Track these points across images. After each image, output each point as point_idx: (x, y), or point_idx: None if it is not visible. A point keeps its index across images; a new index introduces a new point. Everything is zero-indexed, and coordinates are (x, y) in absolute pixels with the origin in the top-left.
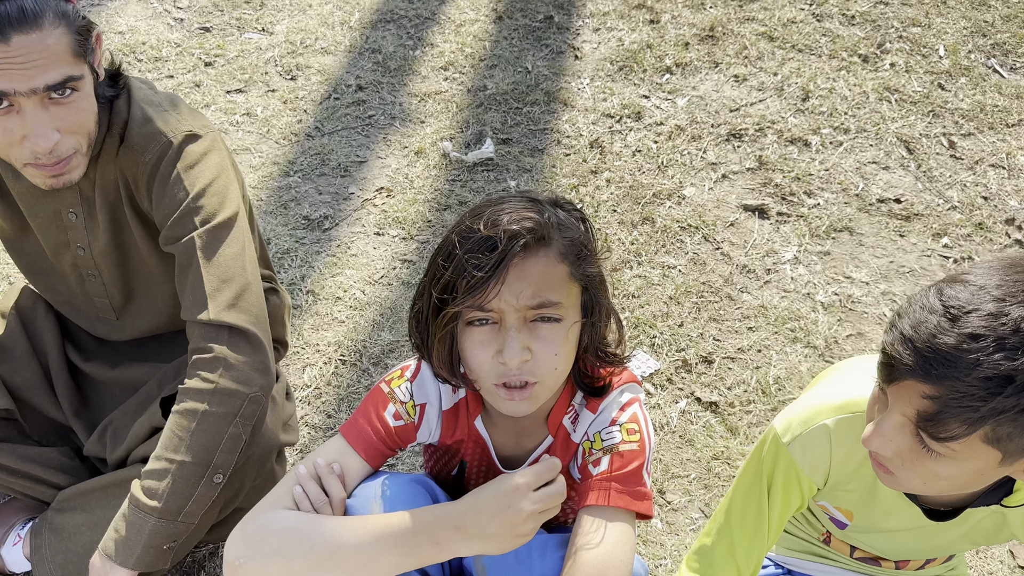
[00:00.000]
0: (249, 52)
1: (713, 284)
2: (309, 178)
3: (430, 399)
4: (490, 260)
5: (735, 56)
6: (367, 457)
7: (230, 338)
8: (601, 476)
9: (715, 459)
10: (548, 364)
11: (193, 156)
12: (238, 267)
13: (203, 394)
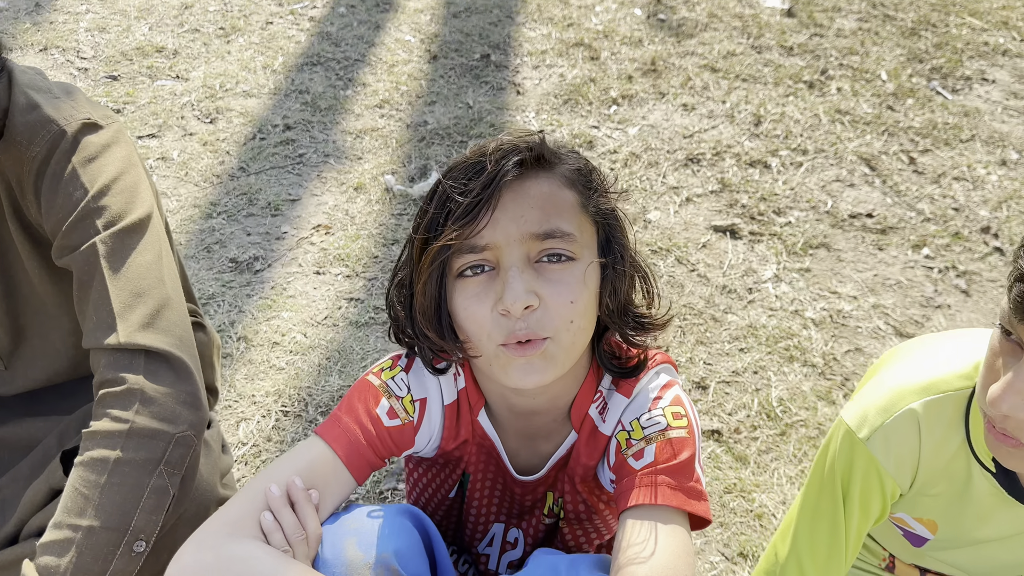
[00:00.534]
0: (163, 98)
1: (695, 307)
2: (235, 219)
3: (430, 393)
4: (479, 183)
5: (680, 87)
6: (352, 467)
7: (147, 365)
8: (647, 469)
9: (728, 493)
10: (563, 314)
11: (93, 148)
12: (154, 278)
13: (114, 437)
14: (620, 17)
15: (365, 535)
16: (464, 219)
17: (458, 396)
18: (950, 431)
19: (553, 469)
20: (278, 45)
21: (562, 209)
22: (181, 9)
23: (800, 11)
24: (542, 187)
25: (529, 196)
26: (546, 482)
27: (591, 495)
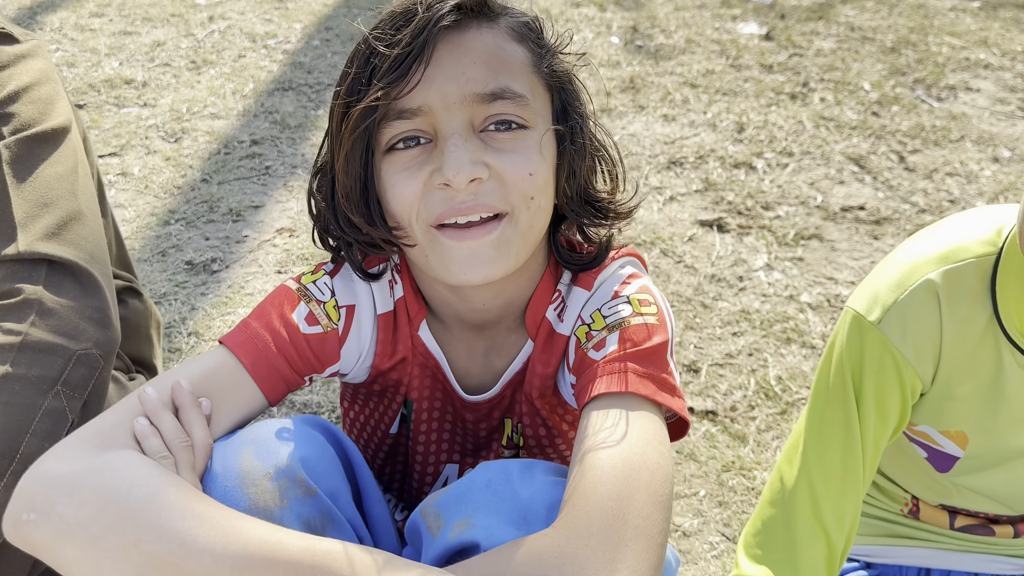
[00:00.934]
0: (127, 122)
1: (683, 294)
2: (194, 225)
3: (360, 299)
4: (408, 32)
5: (660, 101)
6: (259, 378)
7: (49, 276)
8: (610, 357)
9: (726, 471)
10: (521, 188)
11: (5, 57)
12: (64, 190)
13: (4, 351)
14: (598, 44)
15: (264, 443)
16: (391, 75)
17: (395, 307)
18: (975, 306)
19: (508, 387)
20: (249, 74)
21: (511, 66)
22: (152, 46)
23: (778, 35)
24: (486, 39)
25: (470, 49)
26: (501, 405)
27: (552, 414)
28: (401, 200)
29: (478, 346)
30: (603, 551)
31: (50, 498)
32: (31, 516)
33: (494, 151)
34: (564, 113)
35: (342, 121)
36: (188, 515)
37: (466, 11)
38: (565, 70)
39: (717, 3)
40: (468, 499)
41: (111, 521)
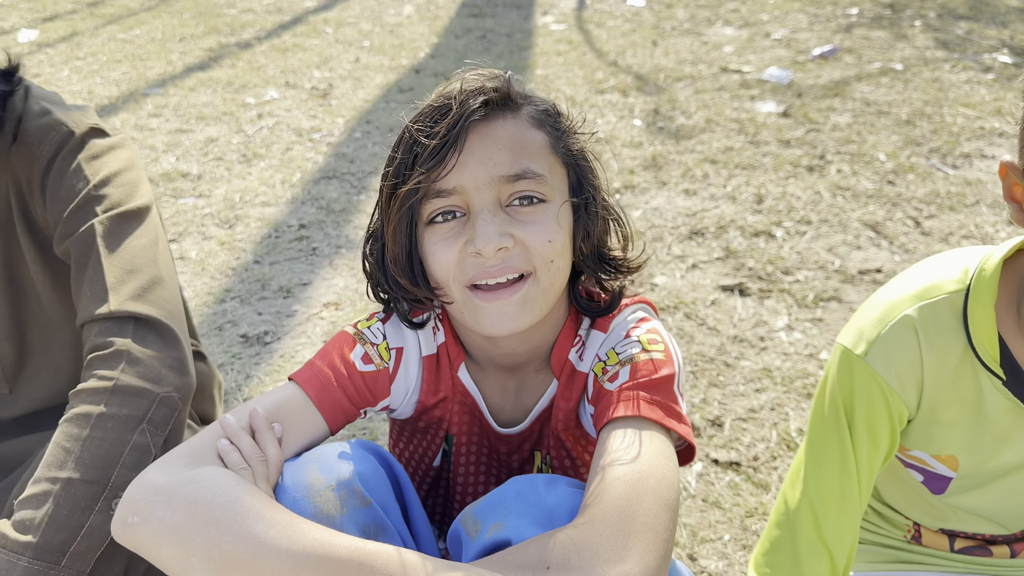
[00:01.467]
0: (184, 212)
1: (706, 354)
2: (247, 302)
3: (407, 343)
4: (444, 124)
5: (681, 177)
6: (323, 408)
7: (136, 330)
8: (623, 386)
9: (749, 517)
10: (542, 253)
11: (98, 148)
12: (148, 258)
13: (99, 394)
14: (621, 126)
15: (327, 461)
16: (430, 162)
17: (437, 350)
18: (951, 337)
19: (537, 422)
20: (296, 165)
21: (531, 150)
22: (206, 142)
23: (795, 112)
24: (509, 128)
25: (497, 138)
26: (531, 438)
27: (576, 445)
28: (440, 265)
29: (510, 385)
30: (615, 540)
31: (150, 504)
32: (135, 519)
33: (518, 223)
34: (579, 185)
35: (390, 199)
36: (260, 519)
37: (492, 104)
38: (580, 148)
39: (736, 85)
40: (501, 506)
41: (198, 524)
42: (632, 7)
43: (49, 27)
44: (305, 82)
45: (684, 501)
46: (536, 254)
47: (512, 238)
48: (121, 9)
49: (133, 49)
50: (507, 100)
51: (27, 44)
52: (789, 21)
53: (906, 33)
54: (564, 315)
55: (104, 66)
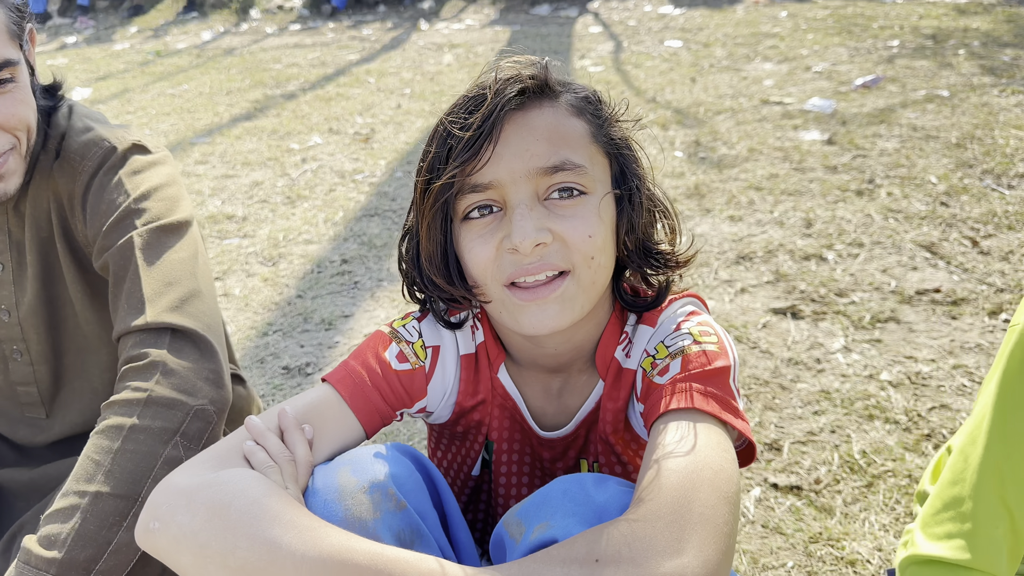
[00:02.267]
0: (229, 251)
1: (760, 377)
2: (290, 335)
3: (444, 341)
4: (479, 115)
5: (725, 204)
6: (357, 409)
7: (172, 342)
8: (674, 379)
9: (813, 543)
10: (582, 249)
11: (139, 164)
12: (186, 271)
13: (132, 405)
14: (662, 158)
15: (360, 462)
16: (465, 155)
17: (476, 350)
18: None
19: (582, 427)
20: (339, 204)
21: (570, 140)
22: (251, 186)
23: (840, 139)
24: (547, 118)
25: (534, 128)
26: (576, 444)
27: (627, 449)
28: (477, 263)
29: (552, 386)
30: (670, 532)
31: (172, 508)
32: (156, 524)
33: (557, 217)
34: (622, 176)
35: (424, 195)
36: (277, 522)
37: (529, 93)
38: (622, 136)
39: (778, 116)
40: (547, 505)
41: (215, 530)
42: (669, 48)
43: (102, 85)
44: (348, 128)
45: (743, 527)
46: (576, 250)
47: (550, 233)
48: (170, 67)
49: (181, 103)
50: (544, 88)
51: (80, 102)
52: (829, 55)
53: (950, 62)
54: (608, 312)
55: (153, 119)
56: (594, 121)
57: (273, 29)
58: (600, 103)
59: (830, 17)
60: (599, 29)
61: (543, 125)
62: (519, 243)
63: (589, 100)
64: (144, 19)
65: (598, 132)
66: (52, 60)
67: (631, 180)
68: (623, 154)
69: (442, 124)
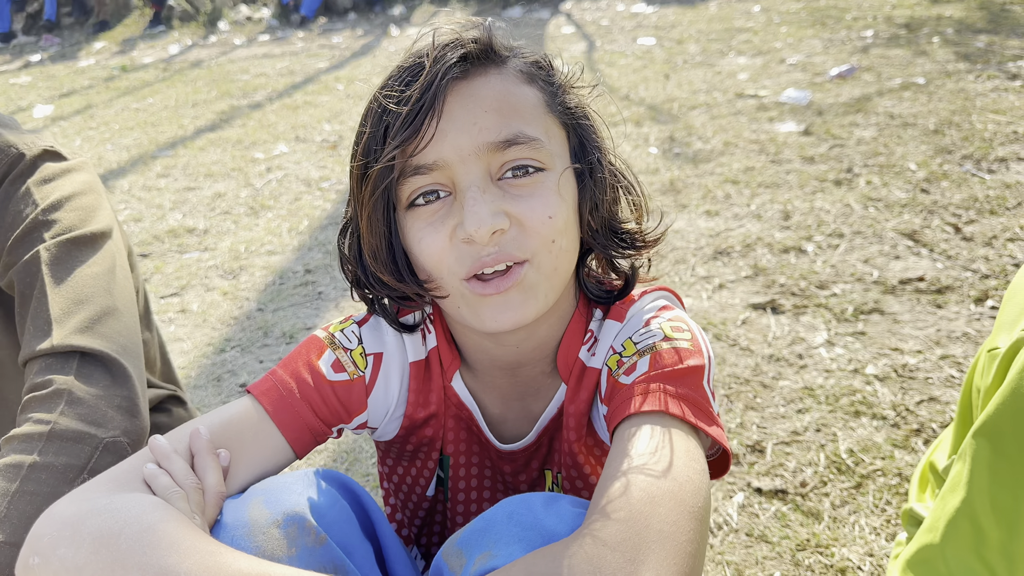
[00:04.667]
0: (188, 266)
1: (740, 376)
2: (248, 351)
3: (388, 348)
4: (416, 87)
5: (701, 199)
6: (283, 426)
7: (80, 367)
8: (641, 379)
9: (801, 550)
10: (542, 232)
11: (51, 171)
12: (99, 288)
13: (32, 440)
14: (636, 155)
15: (274, 492)
16: (404, 132)
17: (428, 355)
18: None
19: (544, 435)
20: (304, 213)
21: (522, 110)
22: (214, 198)
23: (817, 130)
24: (495, 86)
25: (481, 98)
26: (538, 454)
27: (589, 456)
28: (429, 255)
29: (512, 392)
30: (622, 553)
31: (53, 541)
32: (36, 560)
33: (512, 198)
34: (582, 148)
35: (361, 182)
36: (174, 550)
37: (473, 59)
38: (579, 104)
39: (753, 109)
40: (489, 532)
41: (102, 563)
42: (642, 45)
43: (64, 102)
44: (315, 136)
45: (726, 536)
46: (535, 234)
47: (507, 217)
48: (136, 82)
49: (146, 117)
50: (489, 52)
51: (42, 119)
52: (803, 47)
53: (925, 49)
54: (572, 306)
55: (116, 134)
56: (547, 88)
57: (242, 40)
58: (552, 68)
59: (803, 10)
60: (572, 30)
61: (491, 94)
62: (474, 231)
63: (540, 65)
64: (110, 35)
65: (552, 101)
66: (15, 79)
67: (591, 152)
68: (581, 124)
69: (376, 100)
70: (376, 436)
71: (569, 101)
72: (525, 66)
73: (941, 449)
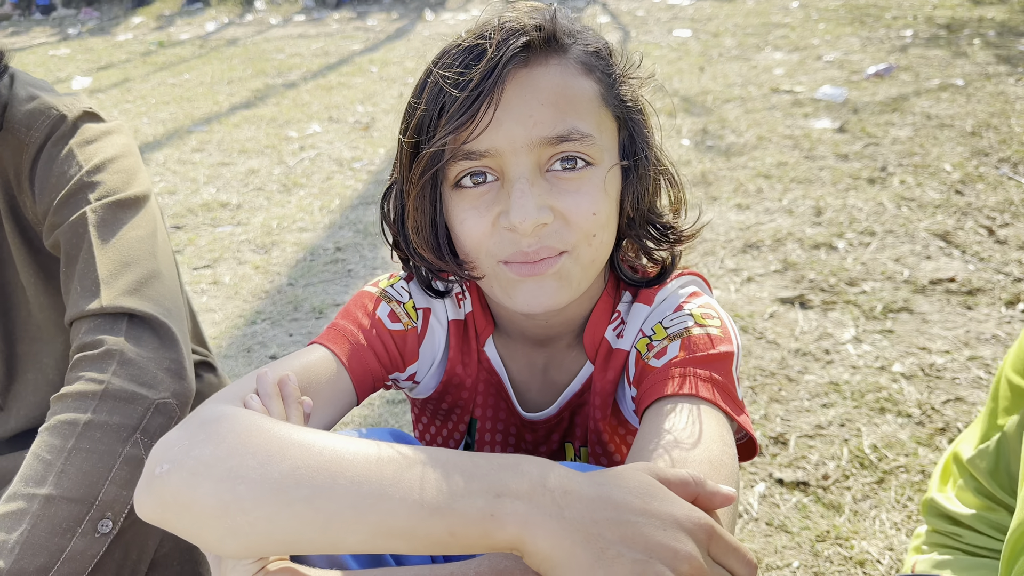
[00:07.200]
0: (221, 239)
1: (766, 368)
2: (278, 324)
3: (434, 305)
4: (478, 72)
5: (733, 192)
6: (353, 372)
7: (129, 329)
8: (673, 362)
9: (820, 541)
10: (584, 228)
11: (91, 133)
12: (145, 251)
13: (86, 399)
14: (669, 146)
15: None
16: (460, 118)
17: (465, 318)
18: None
19: (566, 409)
20: (336, 192)
21: (578, 105)
22: (247, 174)
23: (852, 127)
24: (554, 77)
25: (539, 90)
26: (560, 427)
27: (614, 435)
28: (470, 237)
29: (538, 361)
30: None
31: (187, 445)
32: (165, 467)
33: (559, 192)
34: (631, 142)
35: (412, 160)
36: (325, 437)
37: (535, 47)
38: (633, 97)
39: (788, 104)
40: None
41: (253, 446)
42: (678, 37)
43: (102, 75)
44: (348, 117)
45: (746, 525)
46: (577, 228)
47: (552, 211)
48: (173, 57)
49: (182, 92)
50: (552, 41)
51: (80, 91)
52: (841, 44)
53: (965, 51)
54: (600, 286)
55: (152, 107)
56: (604, 80)
57: (278, 20)
58: (611, 58)
59: (842, 7)
60: (607, 19)
61: (549, 87)
62: (518, 223)
63: (600, 55)
64: (148, 10)
65: (608, 93)
66: (55, 51)
67: (640, 148)
68: (633, 118)
69: (434, 76)
70: (416, 393)
71: (623, 93)
72: (585, 56)
73: (967, 441)
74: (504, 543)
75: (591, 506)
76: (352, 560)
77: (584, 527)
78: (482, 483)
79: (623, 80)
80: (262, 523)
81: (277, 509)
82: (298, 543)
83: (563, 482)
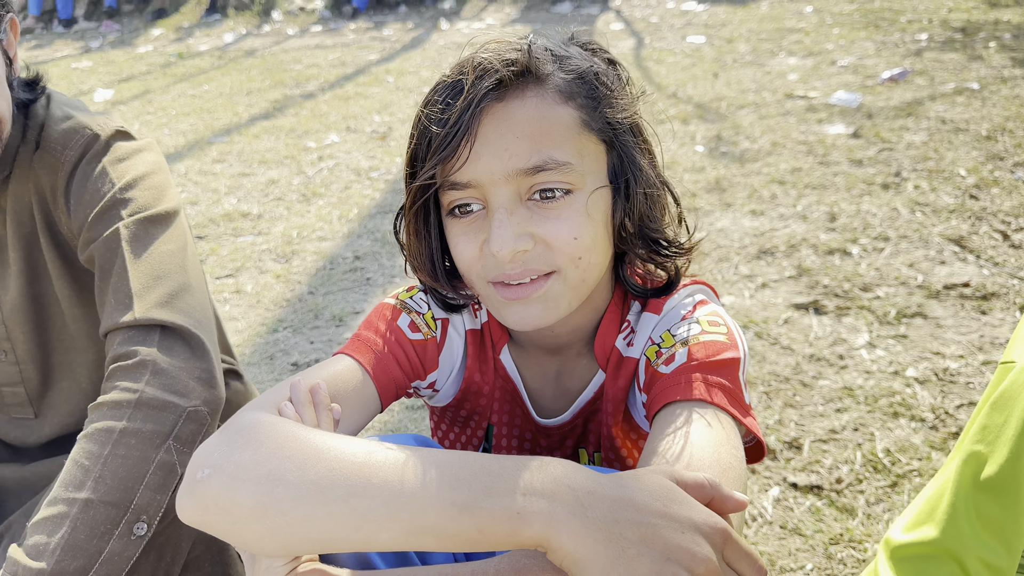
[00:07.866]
0: (242, 249)
1: (780, 374)
2: (300, 332)
3: (451, 316)
4: (455, 109)
5: (747, 198)
6: (378, 381)
7: (162, 340)
8: (680, 368)
9: (834, 544)
10: (567, 252)
11: (123, 151)
12: (175, 264)
13: (122, 407)
14: (682, 153)
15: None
16: (442, 152)
17: (481, 328)
18: None
19: (580, 416)
20: (354, 201)
21: (554, 134)
22: (267, 184)
23: (866, 133)
24: (529, 110)
25: (513, 123)
26: (573, 433)
27: (626, 440)
28: (462, 261)
29: (550, 369)
30: None
31: (227, 450)
32: (206, 471)
33: (540, 219)
34: (620, 163)
35: (407, 188)
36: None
37: (507, 83)
38: (625, 117)
39: (802, 110)
40: None
41: (289, 451)
42: (692, 44)
43: (124, 87)
44: (366, 127)
45: (760, 528)
46: (560, 253)
47: (531, 238)
48: (192, 68)
49: (201, 103)
50: (527, 73)
51: (102, 103)
52: (855, 49)
53: (980, 54)
54: (607, 298)
55: (173, 119)
56: (588, 104)
57: (295, 30)
58: (597, 80)
59: (856, 12)
60: (621, 26)
61: (524, 119)
62: (496, 251)
63: (584, 79)
64: (167, 22)
65: (592, 117)
66: (77, 63)
67: (628, 169)
68: (622, 140)
69: (421, 112)
70: (435, 401)
71: (611, 115)
72: (565, 84)
73: None
74: (530, 540)
75: (613, 506)
76: (379, 558)
77: (606, 526)
78: (509, 483)
79: (610, 102)
80: (299, 523)
81: (314, 509)
82: (333, 542)
83: (587, 483)
